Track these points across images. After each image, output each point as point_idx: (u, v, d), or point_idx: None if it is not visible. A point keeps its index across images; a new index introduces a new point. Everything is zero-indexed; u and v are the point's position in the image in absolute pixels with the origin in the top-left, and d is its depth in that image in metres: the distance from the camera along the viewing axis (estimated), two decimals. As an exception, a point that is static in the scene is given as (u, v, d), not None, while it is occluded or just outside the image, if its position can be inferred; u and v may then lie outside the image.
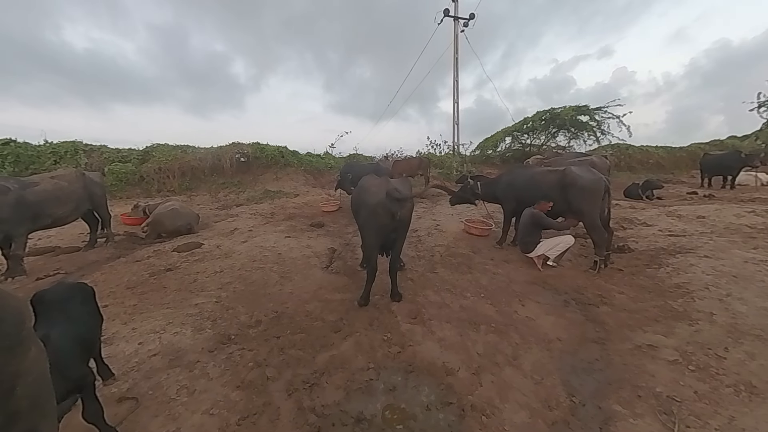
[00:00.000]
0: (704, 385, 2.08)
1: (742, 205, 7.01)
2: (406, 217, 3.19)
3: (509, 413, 1.96)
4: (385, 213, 3.02)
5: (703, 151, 14.54)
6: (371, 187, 3.23)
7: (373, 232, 3.14)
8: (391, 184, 3.16)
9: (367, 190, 3.22)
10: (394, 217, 3.05)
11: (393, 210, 3.02)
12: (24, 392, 1.01)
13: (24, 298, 1.33)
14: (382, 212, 3.03)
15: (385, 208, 3.02)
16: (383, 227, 3.08)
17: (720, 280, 3.43)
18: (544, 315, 3.12)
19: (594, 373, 2.30)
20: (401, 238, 3.31)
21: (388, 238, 3.19)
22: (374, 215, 3.05)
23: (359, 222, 3.40)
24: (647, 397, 2.03)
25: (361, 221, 3.32)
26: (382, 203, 3.03)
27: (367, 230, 3.21)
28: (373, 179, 3.51)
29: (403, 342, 2.71)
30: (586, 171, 4.22)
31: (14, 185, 4.37)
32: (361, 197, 3.29)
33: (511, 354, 2.54)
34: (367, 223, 3.17)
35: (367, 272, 3.25)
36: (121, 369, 2.34)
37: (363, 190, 3.30)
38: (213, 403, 2.06)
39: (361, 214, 3.23)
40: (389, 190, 3.04)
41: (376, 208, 3.05)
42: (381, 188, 3.13)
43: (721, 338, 2.51)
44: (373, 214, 3.06)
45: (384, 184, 3.19)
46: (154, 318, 3.08)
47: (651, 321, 2.86)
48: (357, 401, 2.09)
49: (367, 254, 3.23)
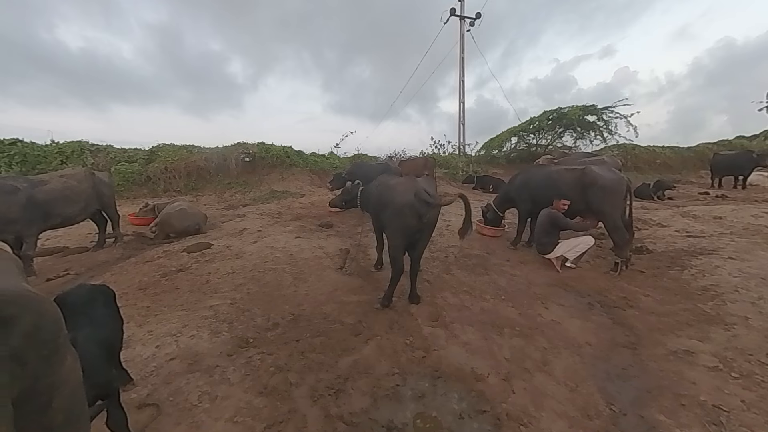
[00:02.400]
0: (751, 393, 1.98)
1: (758, 206, 6.90)
2: (433, 219, 3.09)
3: (547, 422, 1.87)
4: (412, 214, 2.92)
5: (711, 151, 14.40)
6: (398, 186, 3.12)
7: (399, 233, 3.04)
8: (419, 185, 3.05)
9: (394, 189, 3.11)
10: (421, 219, 2.95)
11: (421, 212, 2.93)
12: (60, 405, 0.94)
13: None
14: (410, 213, 2.93)
15: (413, 209, 2.92)
16: (409, 228, 2.99)
17: (749, 283, 3.33)
18: (569, 318, 3.03)
19: (630, 380, 2.21)
20: (425, 240, 3.21)
21: (413, 238, 3.09)
22: (401, 216, 2.96)
23: (383, 221, 3.30)
24: (691, 406, 1.93)
25: (385, 221, 3.21)
26: (410, 204, 2.92)
27: (393, 230, 3.11)
28: (400, 178, 3.42)
29: (426, 346, 2.63)
30: (607, 170, 4.13)
31: (23, 184, 4.31)
32: (386, 196, 3.17)
33: (540, 359, 2.45)
34: (392, 224, 3.07)
35: (393, 273, 3.15)
36: (139, 374, 2.27)
37: (389, 189, 3.19)
38: (236, 410, 1.98)
39: (386, 213, 3.13)
40: (418, 191, 2.94)
41: (403, 209, 2.94)
42: (409, 189, 3.01)
43: (761, 344, 2.41)
44: (399, 215, 2.96)
45: (412, 185, 3.07)
46: (168, 320, 3.01)
47: (683, 325, 2.76)
48: (385, 409, 2.01)
49: (393, 254, 3.11)
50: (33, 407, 0.87)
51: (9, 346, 0.80)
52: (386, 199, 3.15)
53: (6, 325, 0.81)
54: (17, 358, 0.81)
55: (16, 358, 0.81)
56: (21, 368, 0.82)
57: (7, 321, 0.82)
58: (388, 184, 3.28)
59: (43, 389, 0.89)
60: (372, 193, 3.63)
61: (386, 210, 3.14)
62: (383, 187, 3.36)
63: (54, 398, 0.92)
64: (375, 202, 3.46)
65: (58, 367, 0.94)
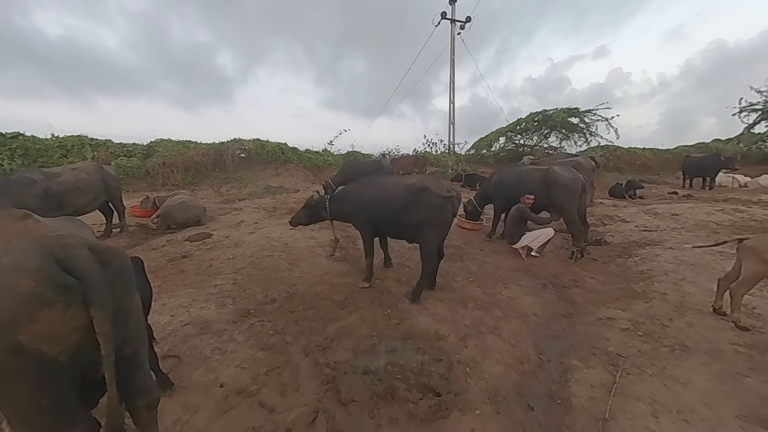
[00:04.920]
0: (647, 345, 2.54)
1: (715, 204, 7.57)
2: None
3: (488, 366, 2.40)
4: (451, 209, 3.36)
5: (687, 153, 15.20)
6: (430, 184, 3.38)
7: (440, 229, 3.40)
8: (444, 183, 3.48)
9: (427, 188, 3.32)
10: (454, 214, 3.42)
11: (456, 206, 3.40)
12: (133, 324, 1.41)
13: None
14: (450, 208, 3.35)
15: (453, 205, 3.37)
16: (447, 222, 3.42)
17: (679, 267, 3.92)
18: (524, 296, 3.57)
19: (561, 339, 2.75)
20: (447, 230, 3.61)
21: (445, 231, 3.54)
22: (442, 211, 3.30)
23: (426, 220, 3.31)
24: (600, 354, 2.48)
25: (419, 218, 3.32)
26: (452, 200, 3.32)
27: (431, 227, 3.32)
28: (429, 177, 3.71)
29: (401, 316, 3.14)
30: (567, 171, 4.68)
31: (39, 176, 4.69)
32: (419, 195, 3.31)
33: (493, 325, 2.98)
34: (432, 220, 3.30)
35: (430, 269, 3.46)
36: (159, 335, 2.72)
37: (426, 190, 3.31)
38: (243, 360, 2.46)
39: (420, 211, 3.31)
40: (449, 188, 3.38)
41: (445, 205, 3.29)
42: (443, 186, 3.39)
43: (669, 312, 2.99)
44: (441, 210, 3.29)
45: (442, 183, 3.48)
46: (179, 296, 3.46)
47: (613, 299, 3.33)
48: (363, 359, 2.51)
49: (431, 250, 3.36)
50: (118, 320, 1.33)
51: (108, 277, 1.27)
52: (419, 199, 3.29)
53: (106, 264, 1.28)
54: (113, 285, 1.29)
55: (112, 285, 1.28)
56: (114, 293, 1.29)
57: (107, 262, 1.29)
58: (427, 185, 3.35)
59: (124, 309, 1.36)
60: (364, 194, 3.67)
61: (419, 208, 3.29)
62: (433, 185, 3.38)
63: (129, 317, 1.39)
64: (376, 202, 3.52)
65: (131, 297, 1.41)
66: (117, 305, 1.29)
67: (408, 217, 3.37)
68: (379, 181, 3.87)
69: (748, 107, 16.33)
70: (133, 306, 1.44)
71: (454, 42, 15.05)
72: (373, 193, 3.62)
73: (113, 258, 1.34)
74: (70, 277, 1.15)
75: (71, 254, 1.18)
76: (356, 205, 3.71)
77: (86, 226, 1.77)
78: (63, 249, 1.18)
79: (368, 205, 3.60)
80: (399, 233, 3.66)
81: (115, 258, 1.35)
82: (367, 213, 3.62)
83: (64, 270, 1.14)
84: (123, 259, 1.40)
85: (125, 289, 1.38)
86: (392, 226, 3.56)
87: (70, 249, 1.19)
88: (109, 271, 1.29)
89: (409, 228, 3.45)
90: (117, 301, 1.30)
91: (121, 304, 1.34)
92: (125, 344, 1.37)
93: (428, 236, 3.34)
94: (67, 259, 1.16)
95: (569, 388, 2.15)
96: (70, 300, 1.13)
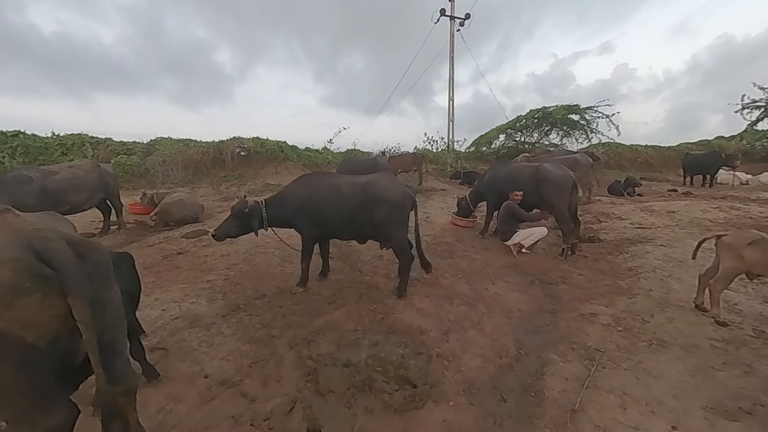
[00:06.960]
0: (625, 340, 2.58)
1: (712, 202, 7.53)
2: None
3: (467, 360, 2.45)
4: (411, 203, 3.47)
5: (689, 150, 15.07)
6: (389, 182, 3.51)
7: (404, 223, 3.44)
8: (398, 180, 3.61)
9: (386, 187, 3.41)
10: (413, 208, 3.51)
11: (413, 200, 3.52)
12: (111, 313, 1.48)
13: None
14: (409, 204, 3.44)
15: (412, 199, 3.49)
16: (407, 217, 3.48)
17: (667, 264, 3.93)
18: (510, 292, 3.61)
19: (541, 334, 2.79)
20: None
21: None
22: (403, 208, 3.40)
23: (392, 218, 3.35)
24: (579, 349, 2.52)
25: (383, 217, 3.33)
26: (410, 196, 3.45)
27: (397, 222, 3.38)
28: (383, 175, 3.69)
29: (386, 311, 3.19)
30: (557, 168, 4.69)
31: (36, 174, 4.79)
32: (378, 193, 3.35)
33: (477, 320, 3.03)
34: (395, 216, 3.36)
35: (407, 262, 3.47)
36: (149, 328, 2.81)
37: (376, 186, 3.40)
38: (228, 352, 2.53)
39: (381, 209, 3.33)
40: (404, 184, 3.53)
41: (405, 200, 3.39)
42: (398, 183, 3.52)
43: (651, 308, 3.01)
44: (401, 207, 3.38)
45: (396, 180, 3.61)
46: (171, 291, 3.55)
47: (598, 296, 3.36)
48: (346, 352, 2.57)
49: (403, 243, 3.42)
50: (96, 309, 1.40)
51: (85, 269, 1.34)
52: (378, 196, 3.32)
53: (83, 257, 1.35)
54: (90, 276, 1.35)
55: (90, 276, 1.35)
56: (91, 283, 1.35)
57: (83, 254, 1.35)
58: (373, 183, 3.40)
59: (102, 299, 1.42)
60: (312, 195, 3.46)
61: (379, 206, 3.31)
62: (369, 185, 3.40)
63: (107, 307, 1.46)
64: (327, 202, 3.42)
65: (109, 288, 1.48)
66: (94, 295, 1.35)
67: (366, 217, 3.33)
68: (328, 180, 3.64)
69: (751, 104, 16.12)
70: (112, 296, 1.50)
71: (454, 39, 14.99)
72: (324, 193, 3.44)
73: (90, 250, 1.41)
74: (48, 267, 1.21)
75: (48, 246, 1.25)
76: (303, 207, 3.46)
77: (66, 221, 1.84)
78: (41, 241, 1.24)
79: (318, 206, 3.41)
80: (353, 234, 3.60)
81: (91, 251, 1.42)
82: (315, 215, 3.44)
83: (42, 261, 1.21)
84: (100, 252, 1.47)
85: (103, 280, 1.44)
86: (346, 227, 3.48)
87: (47, 242, 1.26)
88: (86, 263, 1.35)
89: (369, 227, 3.42)
90: (94, 291, 1.36)
91: (98, 293, 1.41)
92: (104, 332, 1.43)
93: (395, 233, 3.37)
94: (45, 251, 1.23)
95: (544, 381, 2.20)
96: (47, 289, 1.20)
